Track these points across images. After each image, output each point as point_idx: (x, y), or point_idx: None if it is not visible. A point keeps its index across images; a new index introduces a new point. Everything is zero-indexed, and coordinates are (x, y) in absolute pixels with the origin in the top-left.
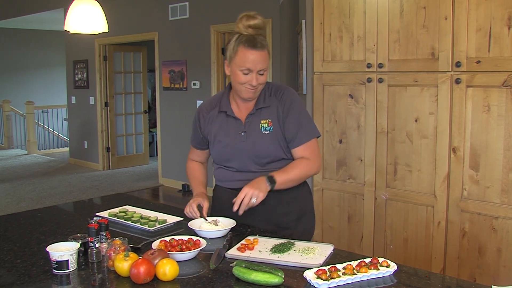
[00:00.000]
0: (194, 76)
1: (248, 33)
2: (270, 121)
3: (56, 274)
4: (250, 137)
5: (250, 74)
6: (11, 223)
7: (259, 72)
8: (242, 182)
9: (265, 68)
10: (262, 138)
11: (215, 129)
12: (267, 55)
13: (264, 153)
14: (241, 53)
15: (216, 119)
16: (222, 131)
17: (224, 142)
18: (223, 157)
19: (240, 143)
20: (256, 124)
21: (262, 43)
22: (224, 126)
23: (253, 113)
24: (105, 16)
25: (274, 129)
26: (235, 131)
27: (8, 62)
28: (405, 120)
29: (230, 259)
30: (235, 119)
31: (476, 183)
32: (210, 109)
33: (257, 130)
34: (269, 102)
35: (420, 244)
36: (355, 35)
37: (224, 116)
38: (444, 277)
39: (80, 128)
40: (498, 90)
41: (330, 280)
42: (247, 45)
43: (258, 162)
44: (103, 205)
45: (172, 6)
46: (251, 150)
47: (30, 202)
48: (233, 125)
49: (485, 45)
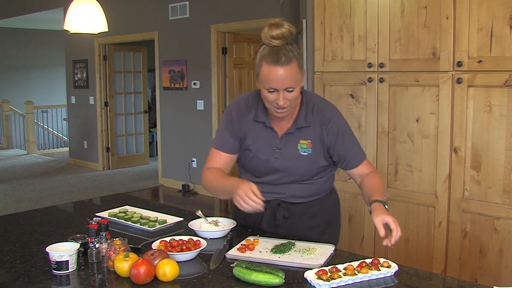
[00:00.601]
0: (194, 76)
1: (272, 44)
2: (310, 142)
3: (56, 274)
4: (284, 156)
5: (275, 92)
6: (11, 224)
7: (287, 89)
8: (269, 195)
9: (294, 85)
10: (298, 159)
11: (249, 136)
12: (295, 68)
13: (299, 175)
14: (264, 69)
15: (252, 127)
16: (256, 142)
17: (255, 154)
18: (252, 169)
19: (273, 160)
20: (293, 143)
21: (288, 56)
22: (259, 136)
23: (292, 132)
24: (105, 16)
25: (314, 151)
26: (269, 146)
27: (8, 61)
28: (406, 120)
29: (231, 260)
30: (272, 131)
31: (478, 183)
32: (246, 113)
33: (293, 150)
34: (310, 121)
35: (421, 245)
36: (356, 35)
37: (261, 126)
38: (445, 278)
39: (80, 128)
40: (499, 90)
41: (331, 281)
42: (269, 61)
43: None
44: (103, 205)
45: (172, 6)
46: (285, 170)
47: (29, 202)
48: (268, 138)
49: (486, 45)
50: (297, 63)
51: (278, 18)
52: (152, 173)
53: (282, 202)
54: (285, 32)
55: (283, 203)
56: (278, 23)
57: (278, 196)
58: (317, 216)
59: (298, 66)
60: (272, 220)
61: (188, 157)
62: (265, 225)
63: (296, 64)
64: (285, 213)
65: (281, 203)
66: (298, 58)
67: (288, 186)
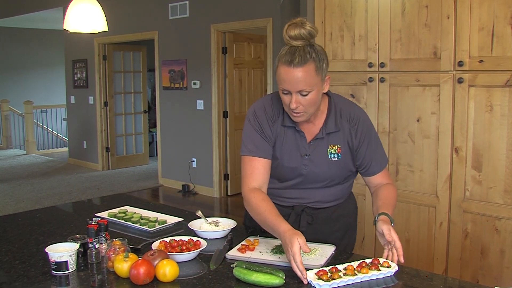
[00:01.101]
0: (194, 76)
1: (291, 44)
2: (340, 147)
3: (55, 275)
4: (314, 162)
5: (289, 95)
6: (10, 224)
7: (301, 93)
8: (293, 200)
9: (308, 89)
10: (328, 165)
11: (278, 145)
12: (310, 71)
13: (329, 180)
14: (279, 70)
15: (281, 133)
16: (284, 149)
17: (283, 162)
18: (279, 176)
19: (302, 167)
20: (322, 149)
21: (304, 58)
22: (288, 144)
23: (322, 137)
24: (105, 15)
25: (343, 156)
26: (297, 152)
27: (7, 61)
28: (407, 120)
29: (231, 260)
30: (301, 136)
31: (479, 183)
32: (275, 117)
33: (323, 156)
34: (340, 126)
35: (422, 245)
36: (357, 34)
37: (290, 131)
38: (447, 278)
39: (80, 128)
40: (501, 90)
41: (331, 281)
42: (284, 61)
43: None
44: (102, 205)
45: (172, 5)
46: (314, 176)
47: (28, 203)
48: (296, 145)
49: (488, 44)
50: (314, 66)
51: (300, 17)
52: (152, 173)
53: (306, 208)
54: (304, 33)
55: (307, 208)
56: (299, 22)
57: (302, 201)
58: (338, 220)
59: (314, 69)
60: (296, 226)
61: (188, 157)
62: None
63: (313, 66)
64: (309, 218)
65: (305, 209)
66: (317, 61)
67: (313, 191)
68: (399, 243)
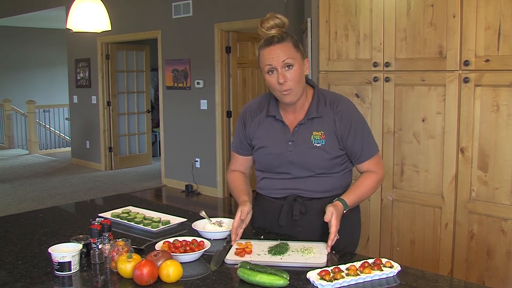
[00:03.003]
0: (198, 75)
1: (269, 34)
2: (323, 133)
3: (58, 275)
4: (298, 148)
5: (275, 72)
6: (12, 224)
7: (285, 66)
8: (285, 191)
9: (290, 61)
10: (312, 150)
11: (261, 134)
12: (289, 46)
13: (314, 167)
14: (261, 55)
15: (263, 124)
16: (268, 138)
17: (269, 149)
18: (267, 165)
19: (287, 153)
20: (306, 135)
21: (281, 36)
22: (271, 132)
23: (303, 122)
24: (108, 14)
25: (327, 142)
26: (281, 139)
27: (9, 60)
28: (412, 120)
29: (230, 265)
30: (283, 125)
31: (485, 184)
32: (257, 112)
33: (307, 141)
34: (322, 113)
35: (428, 246)
36: (361, 34)
37: (272, 120)
38: (452, 280)
39: (82, 127)
40: (507, 89)
41: (333, 281)
42: (264, 45)
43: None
44: (105, 205)
45: (176, 4)
46: (299, 162)
47: (31, 203)
48: (280, 132)
49: (494, 44)
50: (292, 43)
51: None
52: (155, 173)
53: (299, 197)
54: (278, 22)
55: (299, 198)
56: (271, 16)
57: (295, 191)
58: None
59: (293, 45)
60: (289, 216)
61: (192, 157)
62: (283, 221)
63: (291, 43)
64: (302, 208)
65: (297, 198)
66: (294, 40)
67: (304, 180)
68: (333, 229)
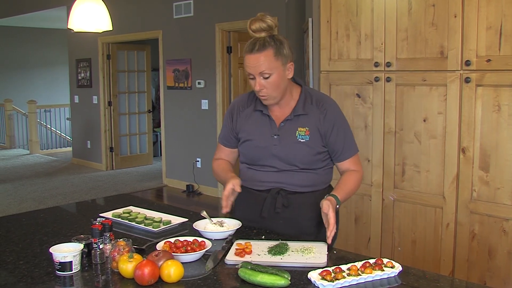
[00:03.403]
0: (199, 75)
1: (255, 36)
2: (308, 130)
3: (59, 275)
4: (283, 142)
5: (254, 79)
6: (13, 224)
7: (263, 76)
8: (269, 184)
9: (267, 72)
10: (296, 145)
11: (248, 128)
12: (269, 56)
13: (298, 161)
14: (244, 59)
15: (251, 117)
16: (255, 131)
17: (255, 142)
18: (252, 157)
19: (272, 147)
20: (292, 130)
21: (263, 45)
22: (258, 125)
23: (290, 118)
24: (109, 14)
25: (311, 138)
26: (267, 133)
27: (10, 60)
28: (413, 120)
29: (231, 266)
30: (270, 120)
31: (486, 184)
32: (246, 106)
33: (292, 136)
34: (308, 110)
35: (429, 246)
36: (363, 34)
37: (260, 115)
38: (454, 280)
39: (83, 127)
40: (509, 89)
41: (335, 281)
42: (246, 50)
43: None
44: (106, 205)
45: (177, 4)
46: (283, 156)
47: (32, 203)
48: (266, 126)
49: (495, 43)
50: (272, 51)
51: (261, 13)
52: (156, 173)
53: (282, 191)
54: (264, 26)
55: (282, 191)
56: (260, 17)
57: (278, 184)
58: (313, 207)
59: (273, 54)
60: (272, 208)
61: (193, 157)
62: (265, 213)
63: (272, 52)
64: (285, 201)
65: (280, 192)
66: (275, 48)
67: (288, 174)
68: (332, 221)
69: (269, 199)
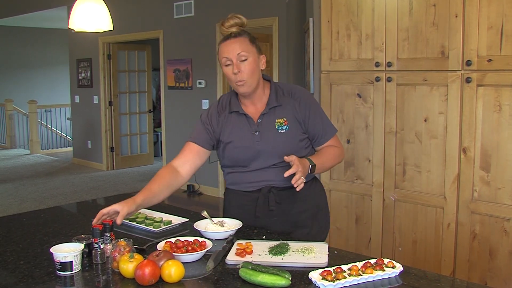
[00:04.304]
0: (200, 75)
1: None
2: (286, 120)
3: (60, 275)
4: (265, 136)
5: (230, 65)
6: (14, 224)
7: (240, 59)
8: (259, 183)
9: (244, 54)
10: (278, 137)
11: (227, 130)
12: (245, 41)
13: (282, 152)
14: (219, 49)
15: (228, 120)
16: (234, 132)
17: (237, 143)
18: (237, 159)
19: (255, 144)
20: (270, 123)
21: (239, 33)
22: (237, 127)
23: (266, 112)
24: (110, 14)
25: (290, 127)
26: (248, 132)
27: (11, 60)
28: (414, 120)
29: (232, 266)
30: (247, 118)
31: (487, 184)
32: (221, 111)
33: (272, 129)
34: (281, 101)
35: (430, 246)
36: (363, 34)
37: (236, 116)
38: (454, 280)
39: (84, 127)
40: (510, 89)
41: (335, 282)
42: (222, 41)
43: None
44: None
45: (177, 4)
46: (268, 150)
47: (33, 203)
48: (245, 125)
49: (496, 43)
50: (248, 38)
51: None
52: None
53: (273, 188)
54: (238, 21)
55: (273, 188)
56: (230, 16)
57: (268, 182)
58: (307, 200)
59: (249, 40)
60: (266, 207)
61: None
62: (260, 213)
63: (247, 39)
64: (277, 198)
65: (271, 189)
66: (249, 36)
67: (274, 170)
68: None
69: (261, 198)
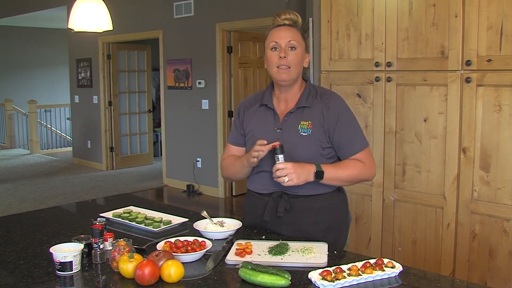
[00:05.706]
0: (199, 75)
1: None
2: (310, 123)
3: (60, 275)
4: (285, 136)
5: (278, 49)
6: (14, 224)
7: (290, 45)
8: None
9: (294, 43)
10: (298, 139)
11: (252, 123)
12: (298, 34)
13: (299, 156)
14: (269, 34)
15: (256, 113)
16: (258, 125)
17: (258, 136)
18: None
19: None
20: (294, 123)
21: (292, 25)
22: (262, 120)
23: (293, 111)
24: (109, 14)
25: (313, 132)
26: (270, 127)
27: (11, 60)
28: (414, 119)
29: (232, 265)
30: (274, 113)
31: (487, 184)
32: (253, 104)
33: (294, 130)
34: (311, 103)
35: (429, 246)
36: (363, 33)
37: (264, 109)
38: (454, 280)
39: (84, 127)
40: (509, 89)
41: (335, 282)
42: (273, 27)
43: None
44: (107, 205)
45: (177, 4)
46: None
47: (32, 203)
48: (270, 120)
49: (496, 43)
50: (300, 33)
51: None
52: (157, 173)
53: (284, 194)
54: (293, 17)
55: (285, 195)
56: (287, 11)
57: (281, 188)
58: (320, 212)
59: (300, 35)
60: (274, 212)
61: (193, 157)
62: (267, 217)
63: (300, 33)
64: (287, 205)
65: (282, 195)
66: (302, 32)
67: None
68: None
69: (271, 203)
